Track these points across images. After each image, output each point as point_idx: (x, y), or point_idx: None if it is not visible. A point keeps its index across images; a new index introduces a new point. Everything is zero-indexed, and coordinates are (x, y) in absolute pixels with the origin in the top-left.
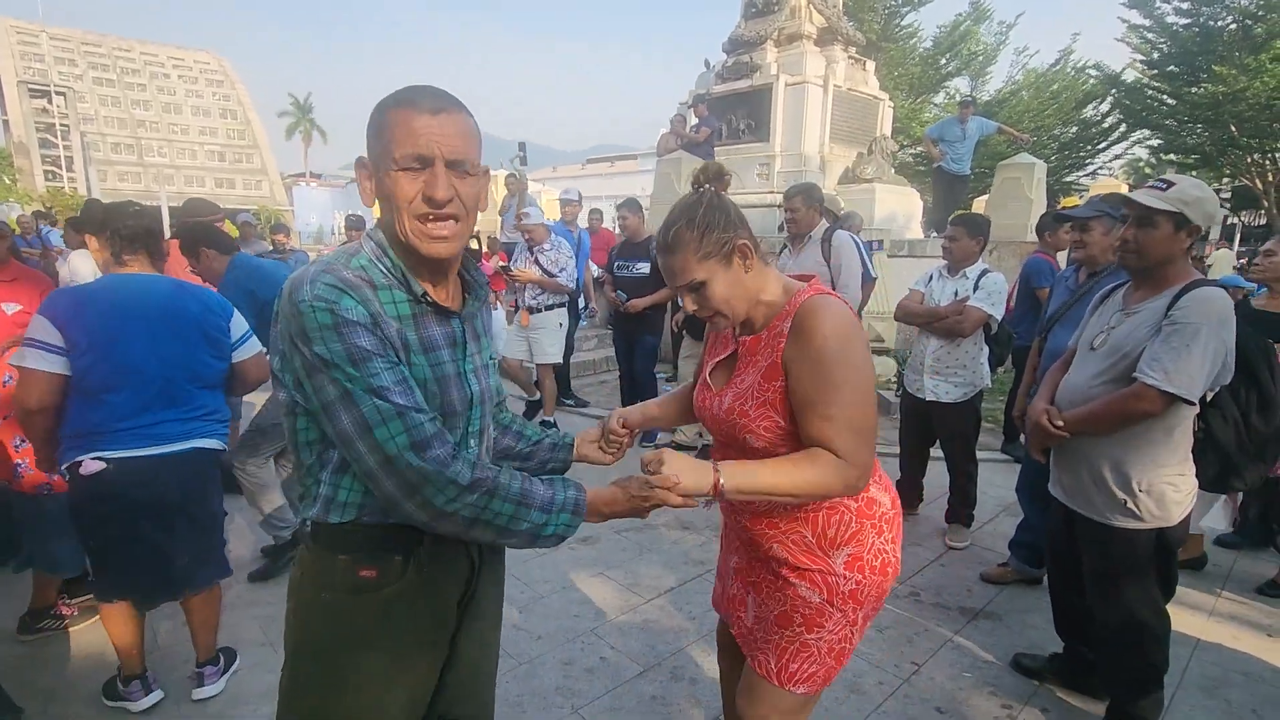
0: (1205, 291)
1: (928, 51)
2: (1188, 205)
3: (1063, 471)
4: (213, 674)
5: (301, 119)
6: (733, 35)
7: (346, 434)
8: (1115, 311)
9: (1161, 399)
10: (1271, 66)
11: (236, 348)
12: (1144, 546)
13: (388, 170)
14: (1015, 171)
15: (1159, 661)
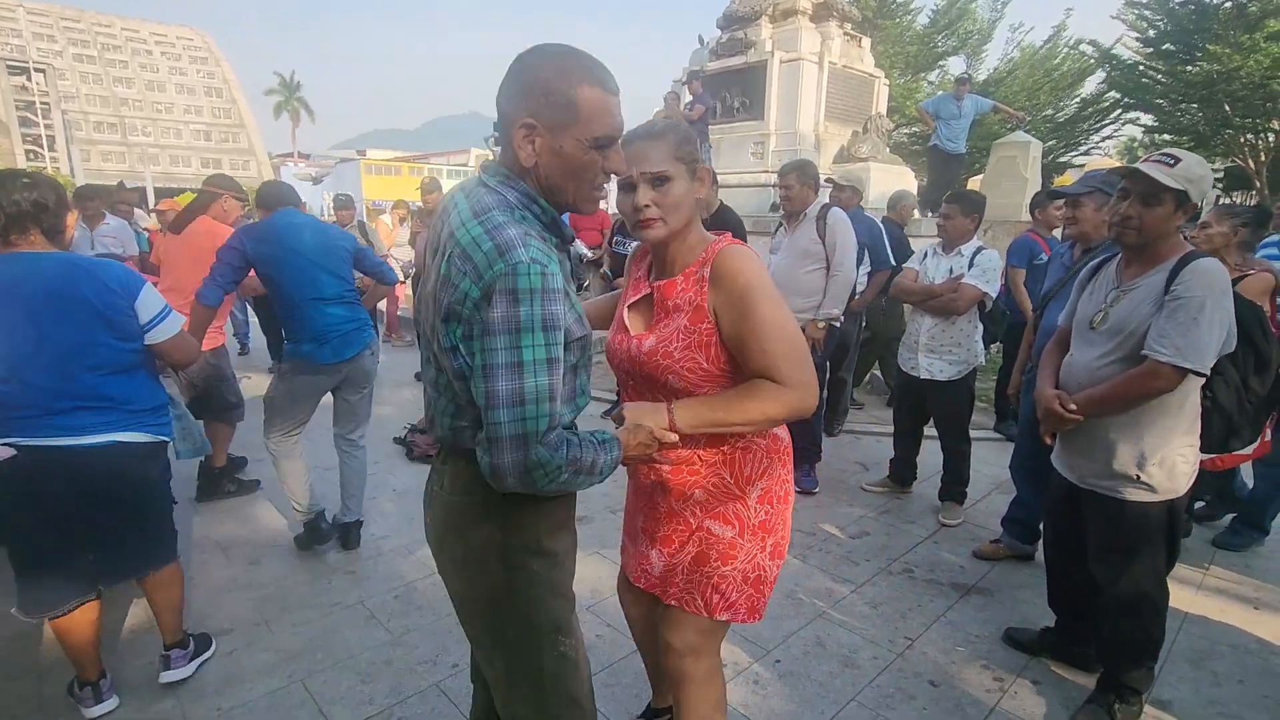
0: (1203, 263)
1: (924, 28)
2: (1191, 183)
3: (1070, 449)
4: (180, 658)
5: (289, 98)
6: (727, 11)
7: (495, 398)
8: (1111, 289)
9: (1176, 374)
10: (1266, 45)
11: (150, 329)
12: (1156, 519)
13: (578, 142)
14: (1011, 150)
15: (1157, 634)
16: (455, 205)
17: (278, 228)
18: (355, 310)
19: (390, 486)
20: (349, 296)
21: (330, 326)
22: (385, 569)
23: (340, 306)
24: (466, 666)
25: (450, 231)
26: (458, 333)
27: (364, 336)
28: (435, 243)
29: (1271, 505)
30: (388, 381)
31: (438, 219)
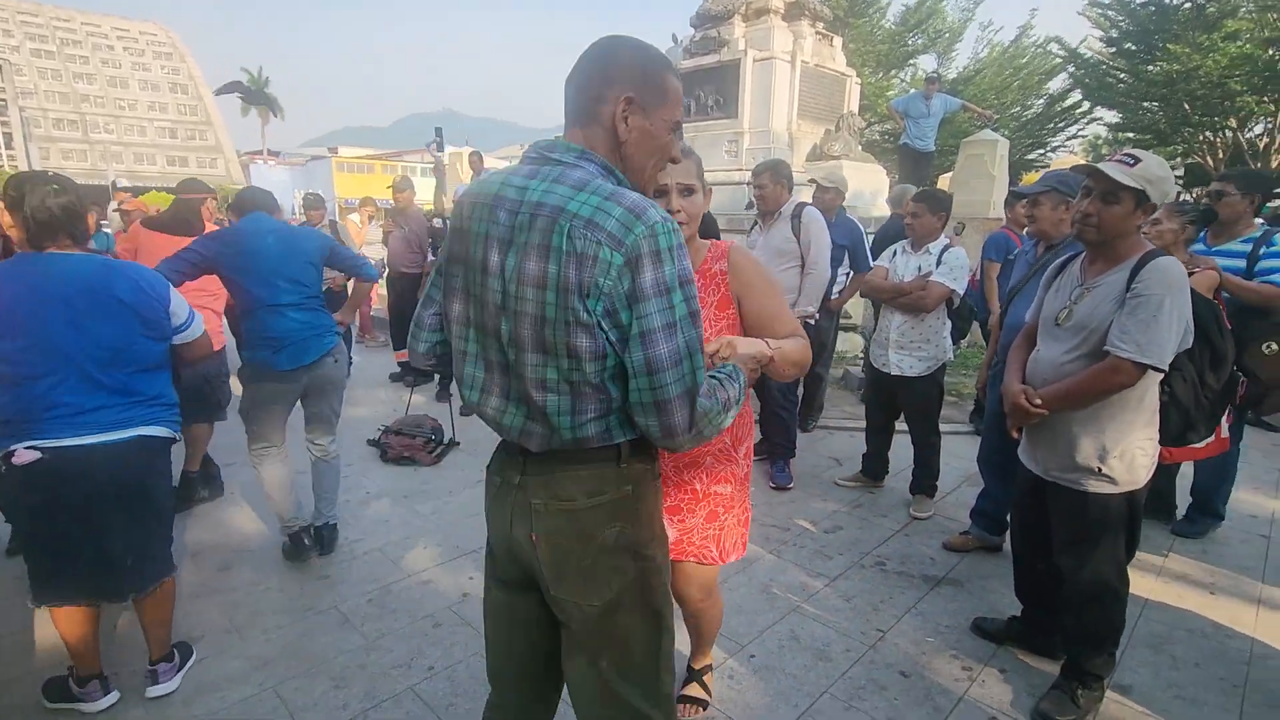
0: (1162, 262)
1: (894, 27)
2: (1150, 184)
3: (1036, 442)
4: (168, 671)
5: (258, 94)
6: (700, 9)
7: (659, 361)
8: (1075, 287)
9: (1136, 370)
10: (1223, 45)
11: (181, 330)
12: (1116, 510)
13: (664, 122)
14: (979, 148)
15: (1118, 621)
16: (526, 185)
17: (242, 232)
18: (317, 316)
19: (364, 489)
20: (310, 303)
21: (288, 332)
22: (360, 572)
23: (299, 312)
24: (442, 669)
25: (547, 209)
26: (598, 308)
27: (325, 343)
28: (499, 232)
29: (1220, 490)
30: (361, 382)
31: (482, 207)
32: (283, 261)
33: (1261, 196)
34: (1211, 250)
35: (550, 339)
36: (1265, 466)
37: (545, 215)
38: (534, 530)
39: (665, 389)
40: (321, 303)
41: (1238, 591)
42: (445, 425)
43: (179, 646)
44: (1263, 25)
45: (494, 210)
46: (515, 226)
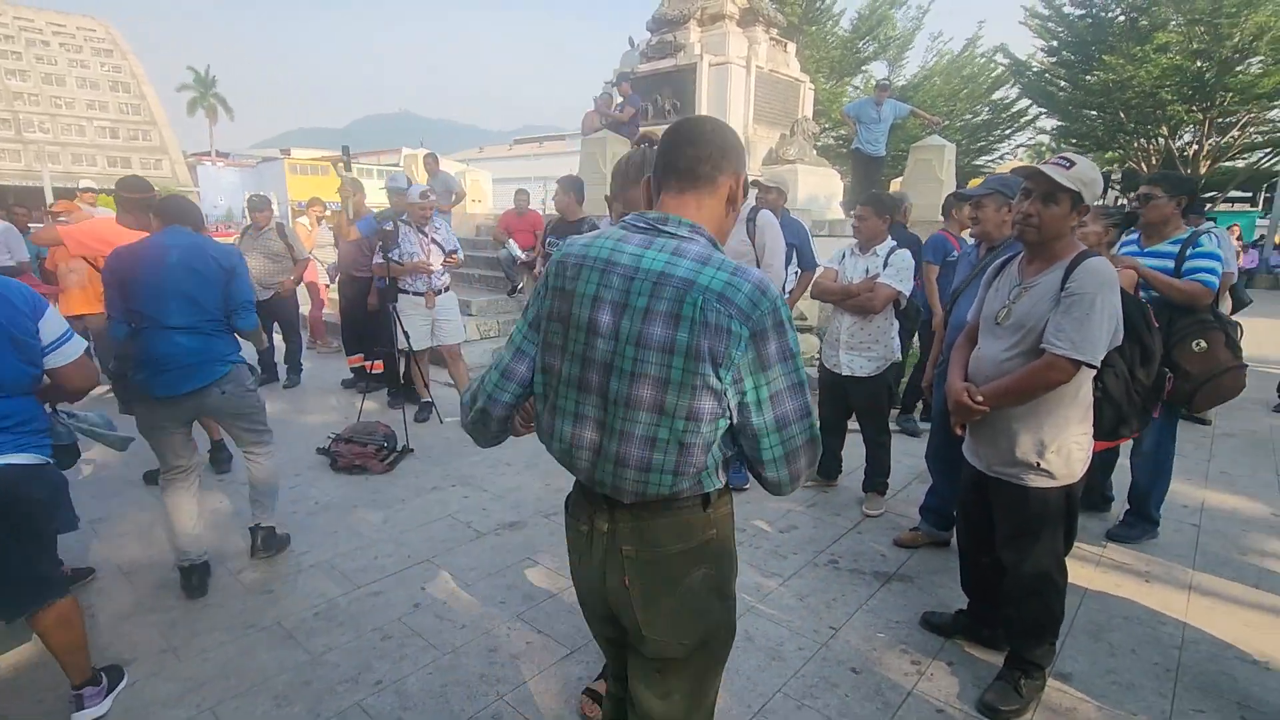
0: (1093, 262)
1: (847, 34)
2: (1085, 185)
3: (978, 439)
4: (94, 695)
5: (205, 94)
6: (656, 14)
7: (785, 419)
8: (1013, 286)
9: (1071, 366)
10: (1155, 56)
11: (50, 351)
12: (1055, 504)
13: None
14: (927, 153)
15: (1058, 612)
16: (641, 254)
17: (145, 246)
18: (210, 342)
19: (312, 499)
20: (205, 327)
21: (169, 357)
22: (305, 586)
23: (189, 336)
24: (390, 683)
25: (675, 280)
26: (728, 377)
27: (213, 372)
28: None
29: (1154, 495)
30: (311, 389)
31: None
32: (179, 281)
33: (1187, 198)
34: (1144, 251)
35: (671, 401)
36: (1197, 459)
37: (673, 286)
38: (626, 575)
39: (794, 440)
40: (221, 328)
41: (1170, 579)
42: (399, 432)
43: (109, 670)
44: (1190, 39)
45: (606, 274)
46: (632, 292)
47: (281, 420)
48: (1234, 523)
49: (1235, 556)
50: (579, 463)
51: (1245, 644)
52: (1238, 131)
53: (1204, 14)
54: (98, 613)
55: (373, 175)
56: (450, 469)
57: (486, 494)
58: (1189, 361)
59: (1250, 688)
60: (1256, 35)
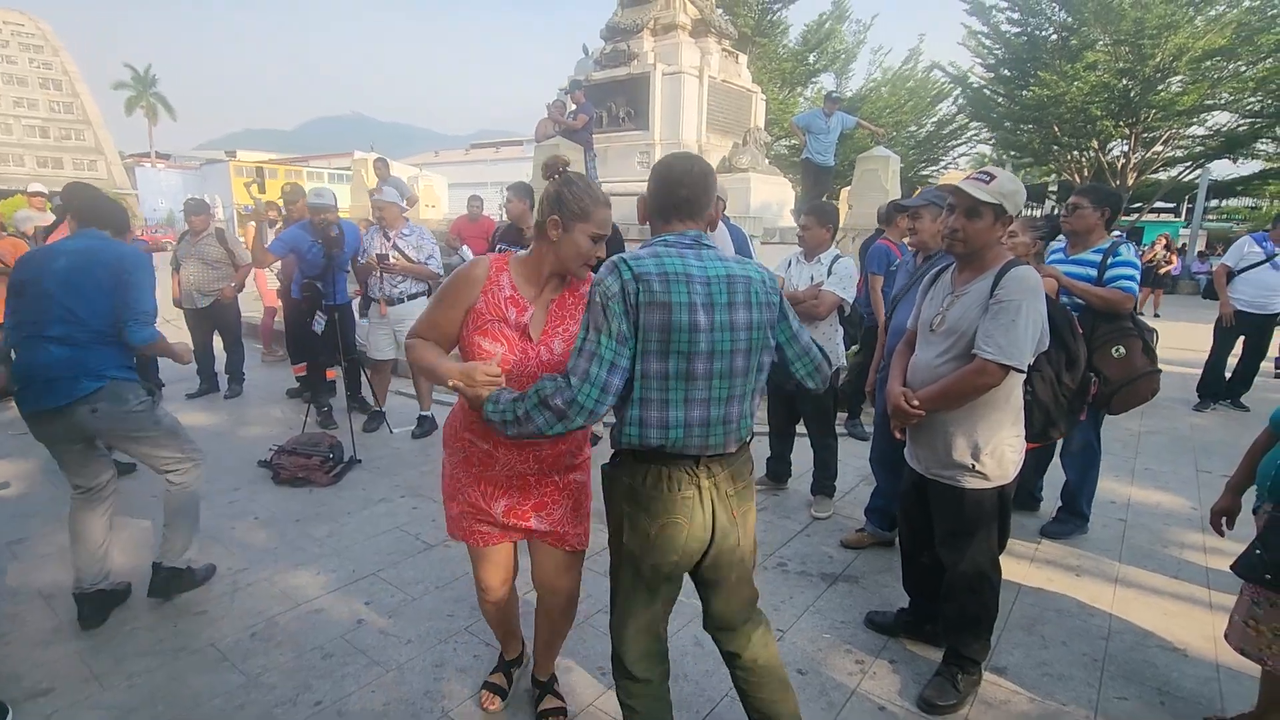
0: (1020, 270)
1: (797, 46)
2: (1006, 197)
3: (917, 442)
4: None
5: (143, 93)
6: (610, 22)
7: (808, 346)
8: (946, 294)
9: (1000, 371)
10: (1085, 74)
11: None
12: (989, 504)
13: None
14: (873, 164)
15: (993, 608)
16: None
17: (43, 250)
18: (85, 354)
19: (252, 514)
20: (80, 337)
21: (38, 367)
22: (241, 605)
23: (62, 347)
24: (331, 704)
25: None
26: (776, 332)
27: (80, 388)
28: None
29: (1083, 492)
30: (254, 399)
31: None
32: (63, 287)
33: (1111, 210)
34: (1069, 259)
35: (752, 363)
36: (1124, 456)
37: (741, 281)
38: (734, 508)
39: (816, 356)
40: (101, 340)
41: (1099, 573)
42: (345, 443)
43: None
44: (1116, 58)
45: (690, 284)
46: (713, 292)
47: (222, 432)
48: (1157, 517)
49: (1158, 549)
50: (691, 439)
51: (1165, 632)
52: (1161, 146)
53: (1128, 35)
54: (12, 640)
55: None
56: (399, 480)
57: (436, 504)
58: (1108, 366)
59: (1169, 674)
60: (1176, 55)
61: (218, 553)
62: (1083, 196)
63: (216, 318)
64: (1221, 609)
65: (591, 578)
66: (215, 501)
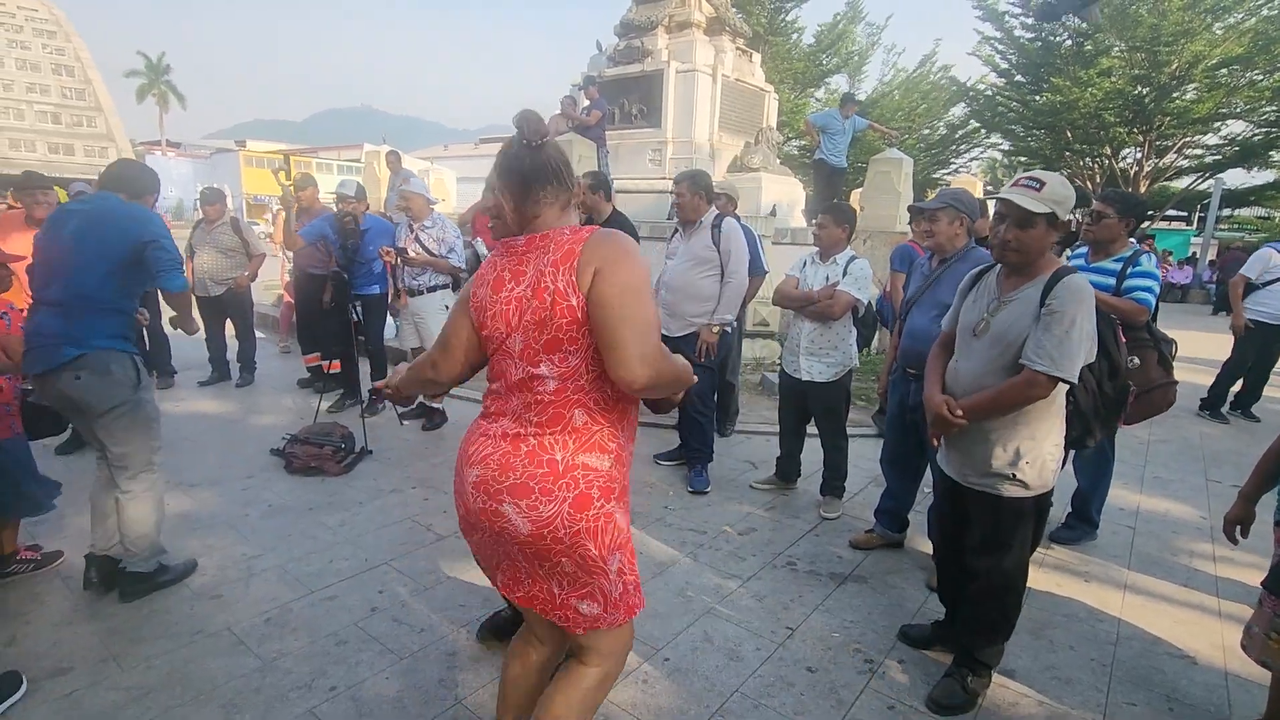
0: (1073, 280)
1: (809, 47)
2: (1058, 204)
3: (954, 449)
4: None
5: (155, 81)
6: (624, 19)
7: None
8: (991, 299)
9: (1050, 383)
10: (1099, 81)
11: None
12: (1027, 513)
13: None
14: (886, 166)
15: (1014, 615)
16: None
17: (53, 216)
18: (72, 325)
19: (265, 501)
20: (77, 304)
21: (32, 333)
22: (257, 591)
23: (54, 314)
24: (345, 690)
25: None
26: None
27: (62, 353)
28: None
29: (1094, 499)
30: (265, 388)
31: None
32: (65, 253)
33: (1135, 219)
34: (1089, 267)
35: None
36: (1134, 465)
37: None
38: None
39: None
40: (95, 307)
41: (1107, 579)
42: (357, 433)
43: (3, 678)
44: (1132, 64)
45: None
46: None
47: (234, 420)
48: (1166, 525)
49: (1167, 557)
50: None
51: (1175, 640)
52: (1174, 154)
53: (1144, 41)
54: (33, 619)
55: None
56: (410, 471)
57: (448, 496)
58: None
59: (1178, 681)
60: (1192, 63)
61: (231, 538)
62: (1108, 204)
63: (230, 306)
64: (1231, 618)
65: None
66: (229, 488)
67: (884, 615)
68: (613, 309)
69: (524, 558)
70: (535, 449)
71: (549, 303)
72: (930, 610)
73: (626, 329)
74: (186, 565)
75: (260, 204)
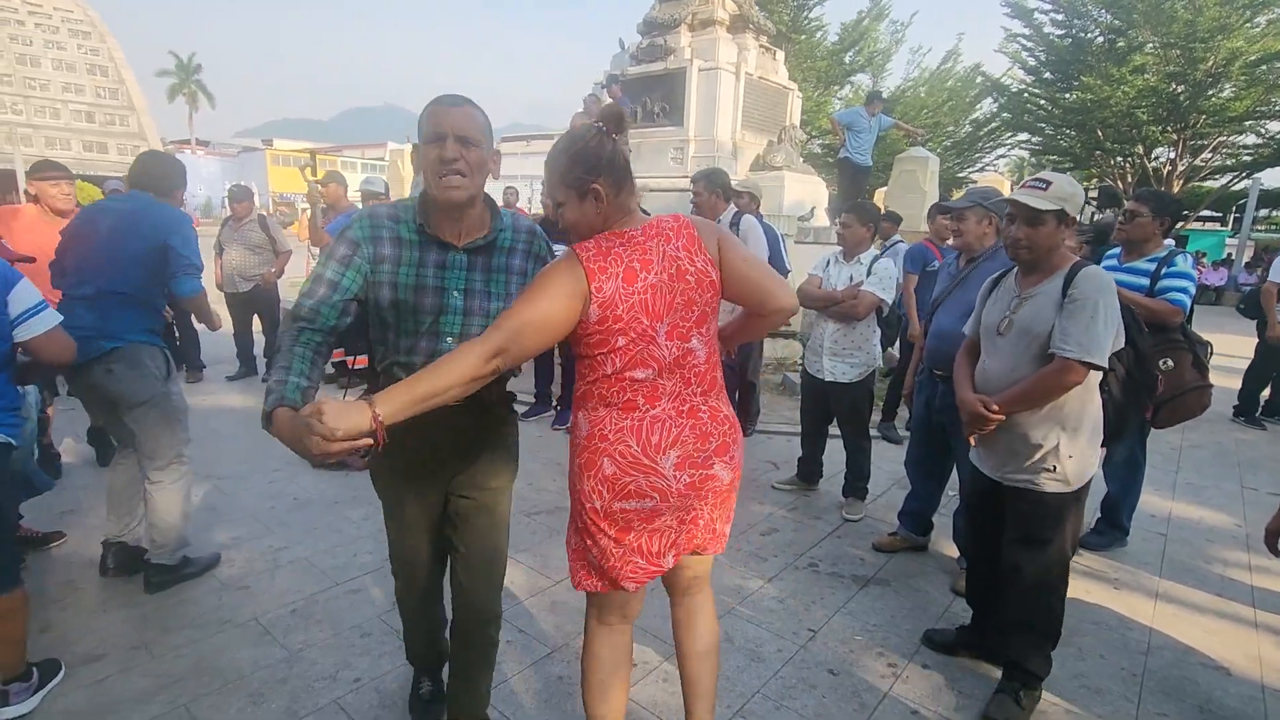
0: (1092, 269)
1: (833, 45)
2: (1065, 201)
3: (991, 446)
4: (21, 691)
5: (186, 80)
6: (647, 17)
7: None
8: (1012, 298)
9: (1083, 368)
10: (1131, 78)
11: (19, 324)
12: (1067, 508)
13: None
14: (911, 165)
15: (1058, 620)
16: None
17: (87, 211)
18: (106, 317)
19: (291, 495)
20: (108, 300)
21: (70, 327)
22: (283, 582)
23: (87, 308)
24: (369, 681)
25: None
26: None
27: (95, 347)
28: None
29: (1125, 505)
30: None
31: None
32: (100, 250)
33: (1171, 219)
34: (1122, 267)
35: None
36: (1165, 470)
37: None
38: None
39: None
40: (128, 302)
41: (1138, 586)
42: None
43: (44, 665)
44: (1166, 61)
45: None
46: None
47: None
48: (1199, 532)
49: (1200, 565)
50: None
51: (1208, 650)
52: (1209, 153)
53: (1179, 38)
54: (67, 606)
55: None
56: None
57: None
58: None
59: (1212, 692)
60: (1230, 60)
61: (258, 530)
62: (1142, 203)
63: (257, 302)
64: (1268, 629)
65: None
66: (256, 481)
67: (908, 619)
68: (752, 266)
69: (712, 506)
70: (713, 411)
71: (693, 284)
72: (955, 614)
73: (767, 275)
74: (211, 558)
75: (286, 201)
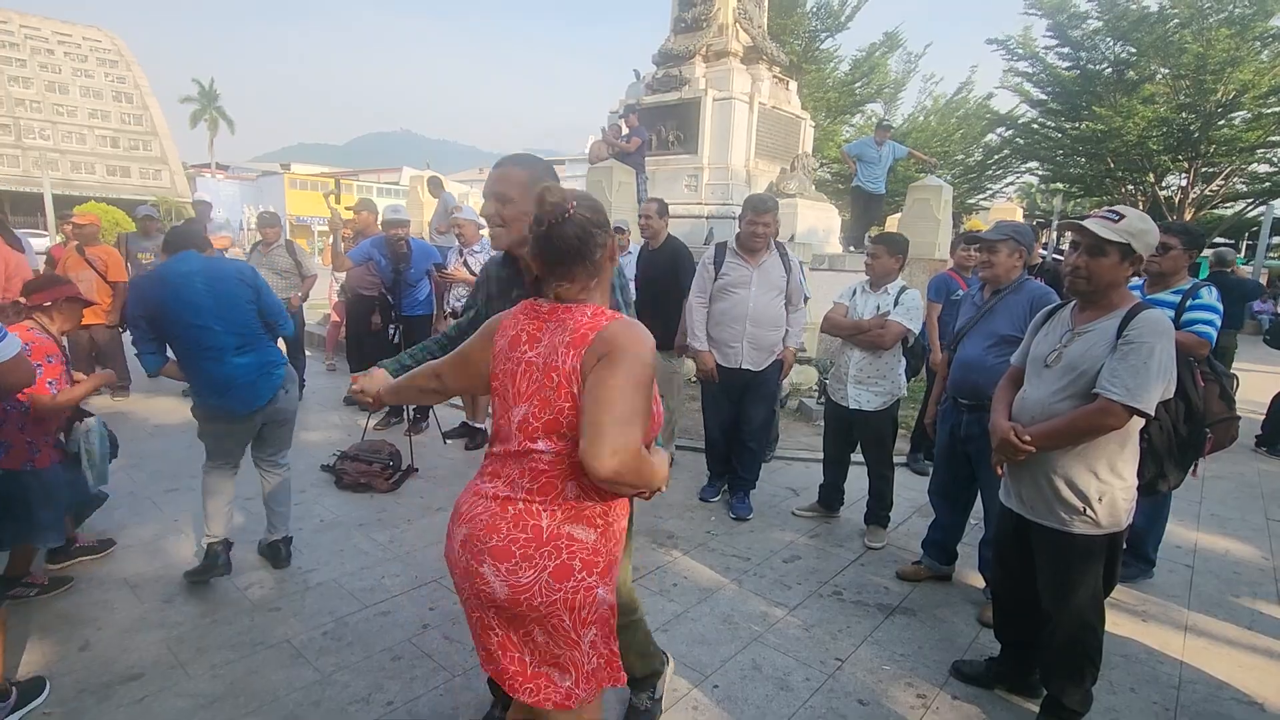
0: (1153, 313)
1: (845, 75)
2: (1134, 237)
3: (1020, 483)
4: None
5: (207, 107)
6: (663, 48)
7: None
8: (1065, 331)
9: (1125, 413)
10: (1141, 108)
11: None
12: (1098, 552)
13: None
14: (925, 193)
15: (1096, 657)
16: None
17: (165, 278)
18: (262, 354)
19: (318, 516)
20: (252, 344)
21: (232, 378)
22: (313, 604)
23: (242, 355)
24: (402, 704)
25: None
26: None
27: (274, 381)
28: None
29: (1150, 536)
30: (313, 406)
31: None
32: (215, 305)
33: (1198, 252)
34: (1147, 298)
35: None
36: (1189, 501)
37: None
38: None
39: None
40: (262, 336)
41: (1167, 619)
42: (402, 451)
43: (25, 685)
44: (1176, 91)
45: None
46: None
47: None
48: (1226, 565)
49: (1228, 598)
50: None
51: (1241, 685)
52: (1221, 181)
53: (1189, 69)
54: (105, 626)
55: (372, 193)
56: (455, 490)
57: None
58: None
59: None
60: (1240, 91)
61: None
62: (1174, 237)
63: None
64: None
65: None
66: None
67: (935, 649)
68: (602, 393)
69: (499, 623)
70: (521, 513)
71: (555, 383)
72: (983, 645)
73: (607, 416)
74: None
75: (303, 225)
